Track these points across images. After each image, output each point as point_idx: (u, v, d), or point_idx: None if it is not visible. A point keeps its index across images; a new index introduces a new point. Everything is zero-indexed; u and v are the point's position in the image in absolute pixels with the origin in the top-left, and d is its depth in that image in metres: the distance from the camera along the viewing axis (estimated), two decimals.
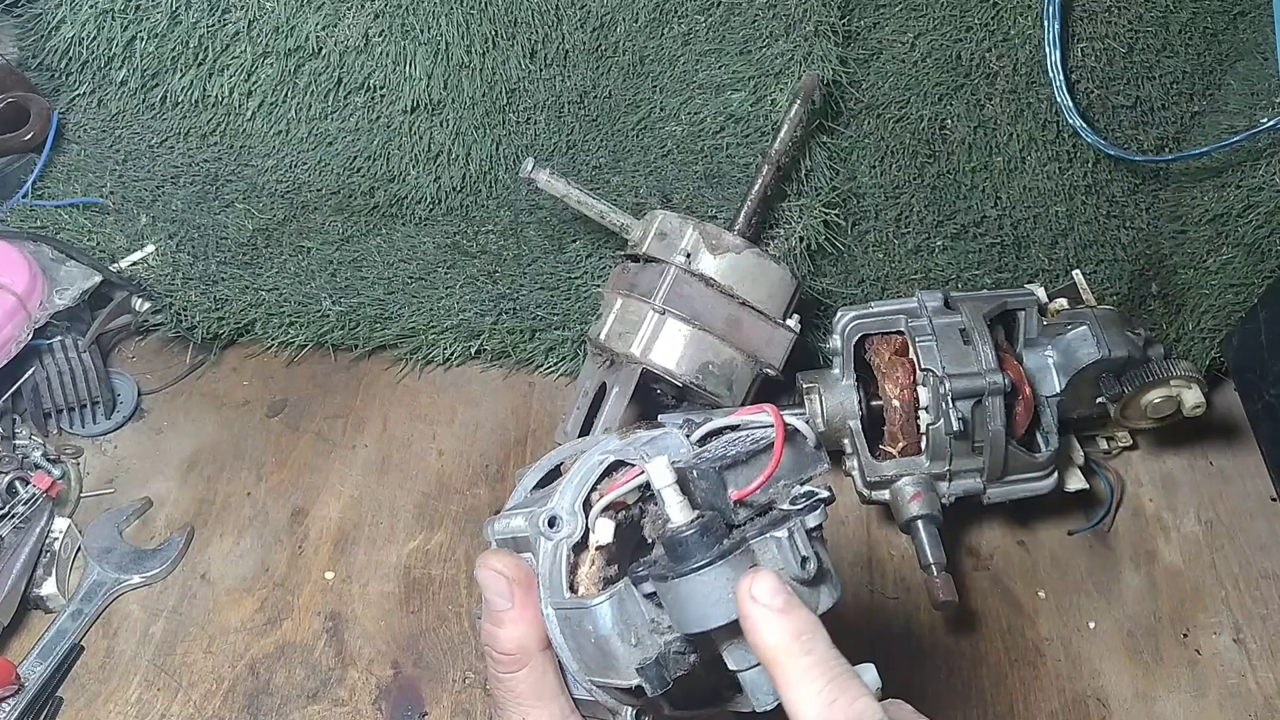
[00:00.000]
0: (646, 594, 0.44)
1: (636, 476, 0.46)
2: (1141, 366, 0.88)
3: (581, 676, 0.47)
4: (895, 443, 0.86)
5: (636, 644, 0.44)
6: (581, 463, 0.50)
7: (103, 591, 0.87)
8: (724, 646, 0.44)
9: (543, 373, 1.04)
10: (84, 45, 1.08)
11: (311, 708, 0.82)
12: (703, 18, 1.04)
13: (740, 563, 0.43)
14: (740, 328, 0.87)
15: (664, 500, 0.44)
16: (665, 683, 0.43)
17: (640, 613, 0.44)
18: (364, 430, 1.00)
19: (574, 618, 0.46)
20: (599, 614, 0.44)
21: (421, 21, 1.06)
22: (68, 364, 0.96)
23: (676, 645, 0.44)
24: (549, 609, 0.47)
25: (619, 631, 0.44)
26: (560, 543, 0.47)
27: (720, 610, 0.42)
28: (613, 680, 0.45)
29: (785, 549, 0.44)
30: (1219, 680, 0.85)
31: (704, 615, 0.42)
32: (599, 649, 0.45)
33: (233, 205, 1.08)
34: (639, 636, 0.44)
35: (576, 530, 0.47)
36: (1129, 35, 1.01)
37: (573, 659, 0.47)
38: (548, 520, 0.47)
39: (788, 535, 0.44)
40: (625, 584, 0.45)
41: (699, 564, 0.42)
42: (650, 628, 0.44)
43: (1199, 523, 0.94)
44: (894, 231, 1.03)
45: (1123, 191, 1.04)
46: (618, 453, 0.49)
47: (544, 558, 0.47)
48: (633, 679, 0.44)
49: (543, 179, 0.93)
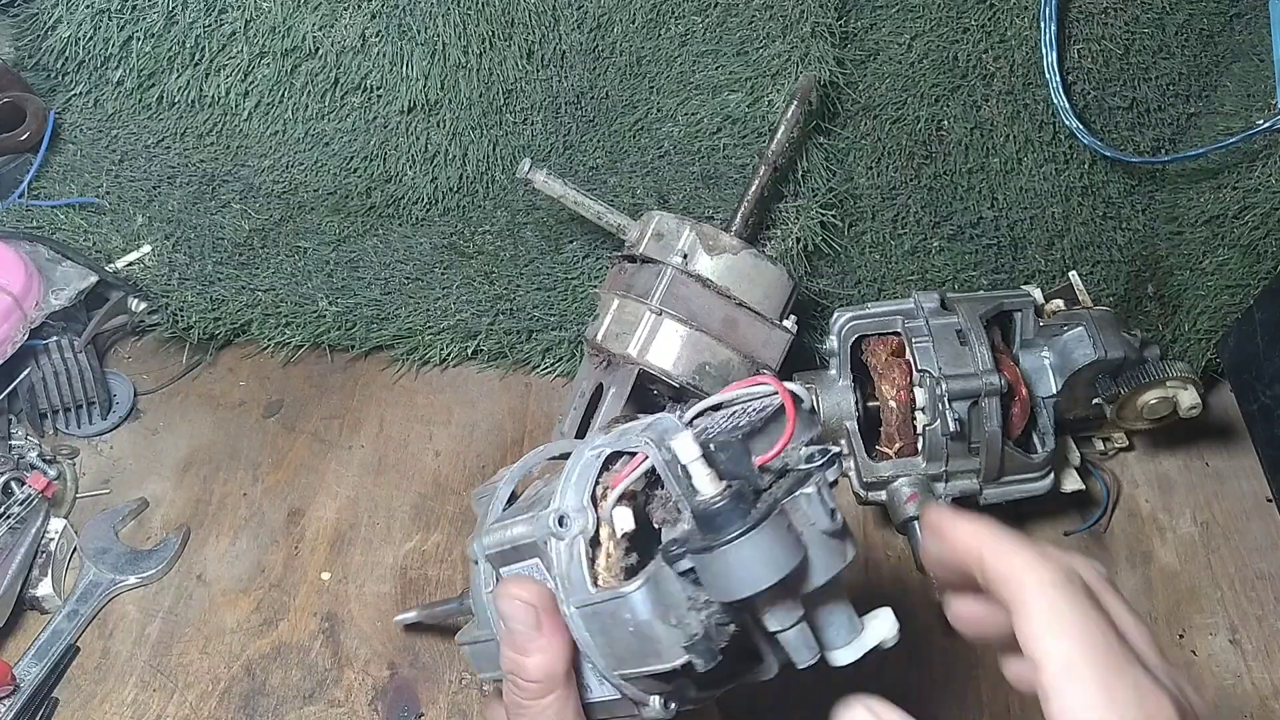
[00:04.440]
0: (682, 571, 0.44)
1: (643, 462, 0.46)
2: (1137, 367, 0.88)
3: (609, 672, 0.47)
4: (892, 444, 0.86)
5: (677, 624, 0.44)
6: (575, 460, 0.49)
7: (98, 592, 0.87)
8: (765, 610, 0.45)
9: (540, 373, 1.04)
10: (80, 45, 1.08)
11: (308, 708, 0.82)
12: (700, 19, 1.04)
13: (779, 522, 0.43)
14: (737, 328, 0.87)
15: (692, 473, 0.44)
16: (715, 655, 0.43)
17: (677, 591, 0.44)
18: (360, 431, 1.00)
19: (604, 611, 0.46)
20: (635, 600, 0.44)
21: (418, 22, 1.06)
22: (64, 364, 0.96)
23: (718, 617, 0.44)
24: (571, 609, 0.47)
25: (659, 614, 0.44)
26: (575, 539, 0.47)
27: (768, 572, 0.42)
28: (651, 667, 0.45)
29: (815, 504, 0.45)
30: (1215, 681, 0.85)
31: (754, 579, 0.42)
32: (638, 636, 0.45)
33: (229, 205, 1.08)
34: (679, 616, 0.44)
35: (589, 525, 0.47)
36: (1125, 37, 1.01)
37: (601, 654, 0.47)
38: (557, 519, 0.47)
39: (816, 491, 0.45)
40: (657, 565, 0.44)
41: (742, 530, 0.42)
42: (688, 605, 0.44)
43: (1195, 524, 0.94)
44: (891, 232, 1.03)
45: (1119, 193, 1.04)
46: (613, 445, 0.49)
47: (559, 558, 0.47)
48: (677, 659, 0.44)
49: (539, 179, 0.93)
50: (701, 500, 0.44)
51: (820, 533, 0.45)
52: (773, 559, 0.42)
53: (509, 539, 0.51)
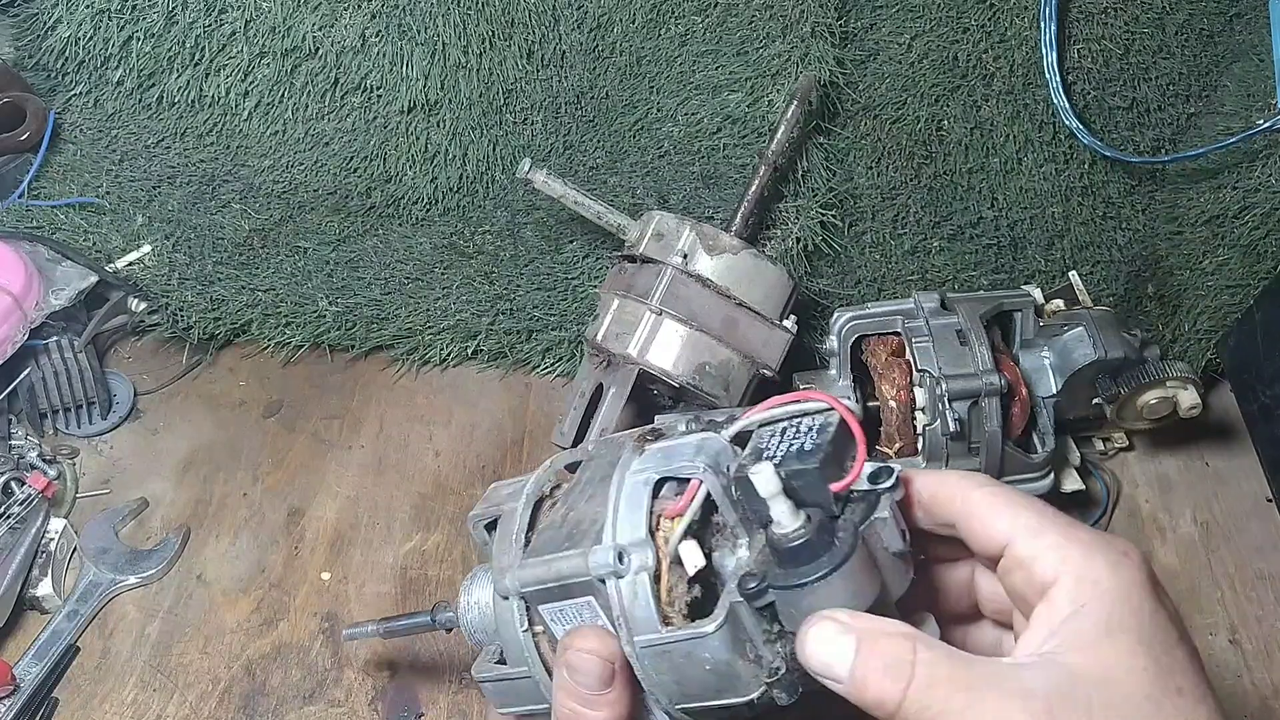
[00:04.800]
0: (760, 607, 0.43)
1: (699, 490, 0.45)
2: (1137, 367, 0.88)
3: (672, 706, 0.46)
4: (892, 443, 0.86)
5: (755, 659, 0.43)
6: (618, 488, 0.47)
7: (98, 592, 0.87)
8: None
9: (539, 373, 1.04)
10: (80, 45, 1.08)
11: (308, 708, 0.82)
12: (700, 19, 1.04)
13: (861, 554, 0.42)
14: (737, 328, 0.87)
15: (772, 508, 0.42)
16: (797, 689, 0.43)
17: (754, 628, 0.43)
18: (360, 431, 1.00)
19: (678, 650, 0.44)
20: (715, 641, 0.43)
21: (418, 22, 1.06)
22: (64, 364, 0.96)
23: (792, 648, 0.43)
24: (636, 649, 0.45)
25: (738, 651, 0.43)
26: (639, 575, 0.45)
27: (855, 603, 0.41)
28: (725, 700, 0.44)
29: (890, 528, 0.44)
30: (1215, 681, 0.84)
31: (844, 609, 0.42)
32: (715, 674, 0.44)
33: (229, 205, 1.08)
34: (756, 651, 0.43)
35: (649, 561, 0.45)
36: (1125, 37, 1.01)
37: (667, 692, 0.46)
38: (617, 556, 0.45)
39: (890, 514, 0.44)
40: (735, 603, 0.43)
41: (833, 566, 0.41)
42: (764, 638, 0.43)
43: (1195, 524, 0.94)
44: (891, 232, 1.03)
45: (1119, 193, 1.04)
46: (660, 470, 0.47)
47: (619, 597, 0.45)
48: (754, 692, 0.43)
49: (539, 179, 0.93)
50: (783, 534, 0.42)
51: (890, 554, 0.44)
52: (859, 590, 0.41)
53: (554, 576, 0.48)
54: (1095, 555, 0.41)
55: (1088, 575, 0.41)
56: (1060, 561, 0.41)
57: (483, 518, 0.57)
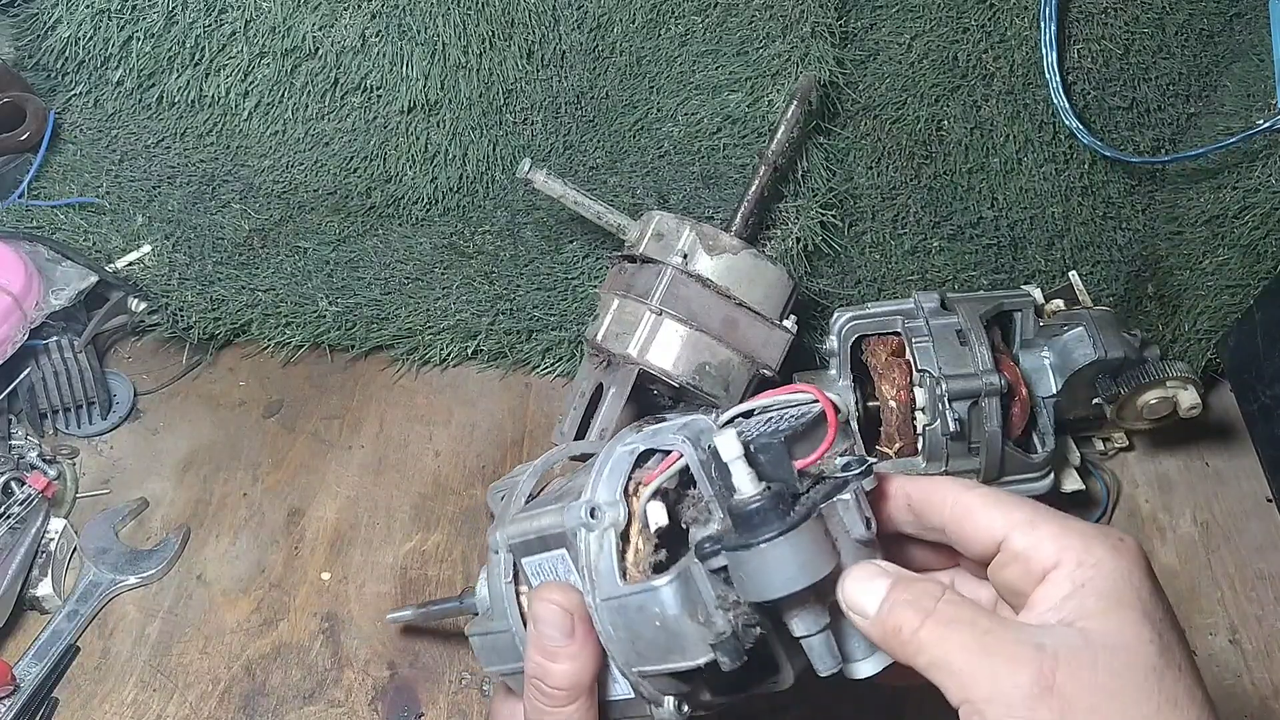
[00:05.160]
0: (714, 569, 0.44)
1: (677, 460, 0.46)
2: (1137, 367, 0.88)
3: (629, 668, 0.47)
4: (892, 443, 0.86)
5: (705, 621, 0.44)
6: (607, 454, 0.49)
7: (98, 592, 0.87)
8: (794, 614, 0.45)
9: (539, 373, 1.04)
10: (80, 45, 1.08)
11: (308, 709, 0.82)
12: (700, 19, 1.04)
13: (816, 526, 0.44)
14: (737, 328, 0.87)
15: (733, 472, 0.44)
16: (741, 655, 0.43)
17: (706, 590, 0.44)
18: (360, 431, 1.00)
19: (632, 604, 0.46)
20: (665, 595, 0.44)
21: (418, 22, 1.06)
22: (64, 364, 0.96)
23: (745, 617, 0.44)
24: (597, 601, 0.47)
25: (688, 610, 0.44)
26: (606, 531, 0.47)
27: (803, 574, 0.42)
28: (673, 664, 0.45)
29: (851, 511, 0.46)
30: (1215, 681, 0.85)
31: (787, 580, 0.42)
32: (664, 632, 0.45)
33: (229, 205, 1.08)
34: (706, 614, 0.44)
35: (620, 518, 0.47)
36: (1125, 37, 1.01)
37: (623, 650, 0.47)
38: (589, 510, 0.47)
39: (854, 498, 0.46)
40: (689, 561, 0.45)
41: (781, 530, 0.42)
42: (716, 603, 0.44)
43: (1195, 524, 0.94)
44: (891, 232, 1.03)
45: (1119, 193, 1.04)
46: (646, 442, 0.49)
47: (588, 550, 0.47)
48: (702, 656, 0.44)
49: (539, 179, 0.93)
50: (740, 499, 0.44)
51: (854, 541, 0.46)
52: (808, 562, 0.43)
53: (535, 529, 0.51)
54: (1093, 541, 0.43)
55: (1088, 558, 0.42)
56: (1060, 549, 0.42)
57: (502, 489, 0.61)
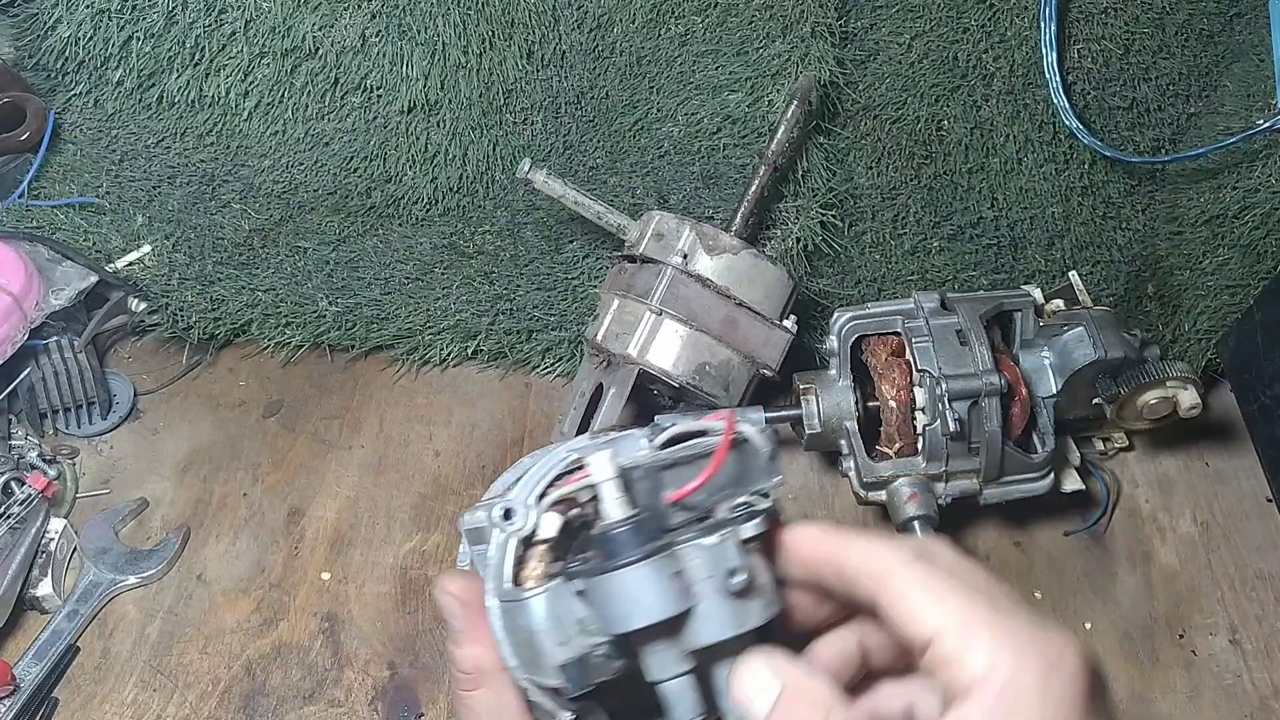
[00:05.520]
0: (577, 591, 0.43)
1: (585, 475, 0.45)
2: (1137, 367, 0.88)
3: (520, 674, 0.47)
4: (892, 444, 0.86)
5: (564, 643, 0.43)
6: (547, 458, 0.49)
7: (98, 592, 0.87)
8: (646, 654, 0.43)
9: (539, 373, 1.04)
10: (80, 45, 1.08)
11: (308, 708, 0.82)
12: (700, 19, 1.04)
13: (665, 565, 0.42)
14: (737, 328, 0.87)
15: (601, 495, 0.43)
16: (585, 685, 0.42)
17: (571, 611, 0.43)
18: (360, 431, 1.00)
19: (512, 611, 0.45)
20: (532, 607, 0.43)
21: (418, 22, 1.06)
22: (64, 364, 0.96)
23: (603, 648, 0.43)
24: (493, 600, 0.46)
25: (550, 628, 0.43)
26: (510, 535, 0.46)
27: (642, 612, 0.41)
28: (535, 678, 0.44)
29: (712, 557, 0.43)
30: (1215, 681, 0.85)
31: (628, 614, 0.41)
32: (529, 645, 0.44)
33: (229, 205, 1.08)
34: (568, 636, 0.43)
35: (528, 524, 0.46)
36: (1125, 37, 1.01)
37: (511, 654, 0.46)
38: (503, 512, 0.46)
39: (718, 542, 0.43)
40: (560, 580, 0.44)
41: (624, 561, 0.41)
42: (579, 628, 0.43)
43: (1195, 524, 0.94)
44: (891, 232, 1.03)
45: (1119, 193, 1.04)
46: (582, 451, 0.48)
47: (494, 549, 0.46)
48: (555, 679, 0.43)
49: (539, 179, 0.93)
50: (606, 524, 0.43)
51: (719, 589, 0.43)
52: (650, 600, 0.41)
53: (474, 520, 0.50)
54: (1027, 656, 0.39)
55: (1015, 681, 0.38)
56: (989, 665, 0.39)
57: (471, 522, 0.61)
